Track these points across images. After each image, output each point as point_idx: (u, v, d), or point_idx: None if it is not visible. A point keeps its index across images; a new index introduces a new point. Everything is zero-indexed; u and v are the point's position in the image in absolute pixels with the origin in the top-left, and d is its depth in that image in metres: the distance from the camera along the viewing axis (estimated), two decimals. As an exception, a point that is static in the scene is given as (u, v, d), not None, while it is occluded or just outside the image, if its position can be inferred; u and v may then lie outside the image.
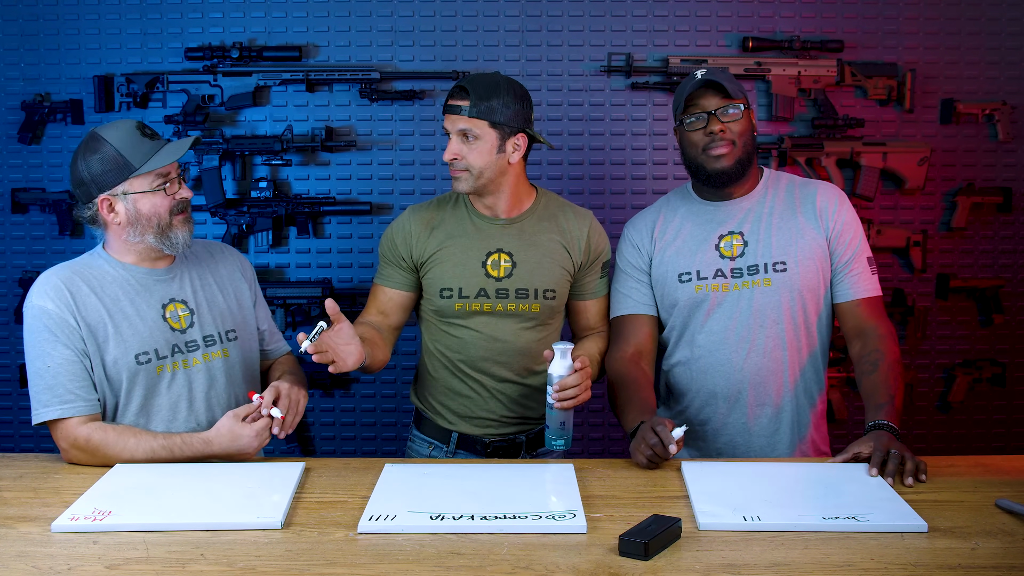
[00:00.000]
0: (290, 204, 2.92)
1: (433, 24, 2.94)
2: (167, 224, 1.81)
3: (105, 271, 1.83)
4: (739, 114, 1.91)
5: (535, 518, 1.43)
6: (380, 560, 1.31)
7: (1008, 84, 2.96)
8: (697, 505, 1.50)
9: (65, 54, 2.94)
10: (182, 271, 1.90)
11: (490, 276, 1.97)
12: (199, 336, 1.87)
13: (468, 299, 1.97)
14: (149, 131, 1.81)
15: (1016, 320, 3.02)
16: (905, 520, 1.43)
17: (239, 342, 1.94)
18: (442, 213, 2.03)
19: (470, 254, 1.98)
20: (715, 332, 1.96)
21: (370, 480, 1.64)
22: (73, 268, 1.82)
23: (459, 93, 1.92)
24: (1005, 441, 3.03)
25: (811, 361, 1.99)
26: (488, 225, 2.00)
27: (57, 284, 1.77)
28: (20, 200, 2.96)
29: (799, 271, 1.94)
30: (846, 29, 2.93)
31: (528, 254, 1.99)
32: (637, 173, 2.98)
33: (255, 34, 2.93)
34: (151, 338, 1.82)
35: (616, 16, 2.94)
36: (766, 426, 1.98)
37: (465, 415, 2.06)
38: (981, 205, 2.95)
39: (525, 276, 1.98)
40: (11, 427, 3.03)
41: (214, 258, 1.99)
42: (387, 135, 2.96)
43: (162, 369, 1.82)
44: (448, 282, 1.98)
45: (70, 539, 1.39)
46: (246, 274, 2.02)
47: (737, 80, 2.01)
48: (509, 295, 1.97)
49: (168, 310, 1.85)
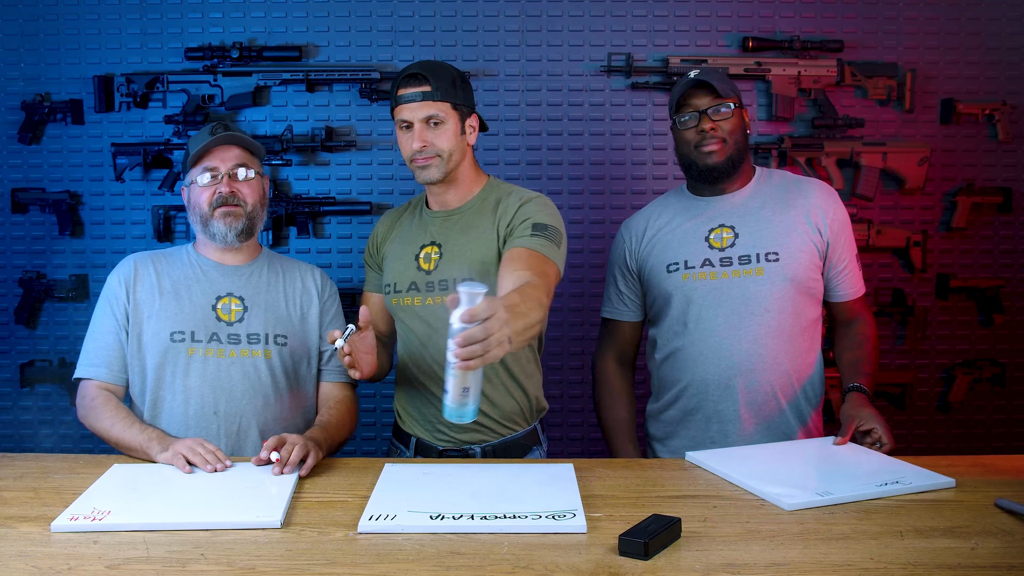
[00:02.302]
0: (290, 204, 2.92)
1: (433, 24, 2.94)
2: (207, 215, 1.92)
3: (181, 258, 2.00)
4: (729, 113, 1.97)
5: (535, 518, 1.43)
6: (380, 560, 1.31)
7: (1008, 84, 2.96)
8: (766, 488, 1.56)
9: (65, 54, 2.94)
10: (253, 271, 1.99)
11: (421, 269, 1.94)
12: (244, 332, 1.92)
13: (401, 294, 1.95)
14: (219, 128, 1.93)
15: (1016, 320, 3.02)
16: (934, 480, 1.61)
17: (287, 349, 1.95)
18: (404, 214, 2.07)
19: (407, 249, 1.98)
20: (705, 320, 1.98)
21: (370, 480, 1.64)
22: (153, 253, 2.01)
23: (415, 81, 1.86)
24: (1005, 441, 3.03)
25: (805, 352, 2.00)
26: (431, 218, 1.97)
27: (129, 264, 1.97)
28: (20, 200, 2.96)
29: (792, 262, 1.96)
30: (846, 29, 2.93)
31: (456, 243, 1.92)
32: (637, 173, 2.98)
33: (255, 34, 2.93)
34: (192, 321, 1.90)
35: (616, 16, 2.94)
36: (756, 414, 1.98)
37: (418, 419, 2.00)
38: (981, 205, 2.95)
39: (449, 266, 1.90)
40: (11, 427, 3.03)
41: (294, 269, 2.05)
42: (387, 135, 2.96)
43: (194, 351, 1.88)
44: (388, 278, 1.99)
45: (70, 539, 1.39)
46: (323, 291, 2.05)
47: (730, 80, 2.04)
48: (435, 288, 1.91)
49: (221, 302, 1.93)
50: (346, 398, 2.01)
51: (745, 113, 2.02)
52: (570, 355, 3.04)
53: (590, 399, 3.07)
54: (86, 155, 2.97)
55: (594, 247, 2.99)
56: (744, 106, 2.02)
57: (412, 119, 1.86)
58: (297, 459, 1.67)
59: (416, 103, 1.86)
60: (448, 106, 1.88)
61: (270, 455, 1.68)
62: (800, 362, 2.00)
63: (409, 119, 1.87)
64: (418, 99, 1.85)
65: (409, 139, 1.88)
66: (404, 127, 1.89)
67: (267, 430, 1.91)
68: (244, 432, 1.90)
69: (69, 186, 2.97)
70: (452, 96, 1.88)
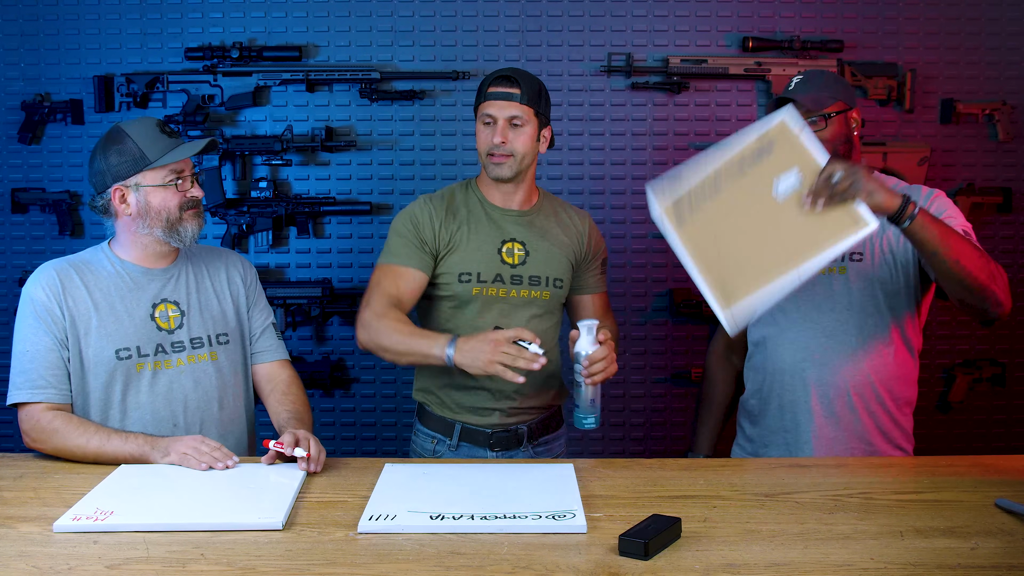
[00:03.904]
0: (290, 204, 2.92)
1: (433, 24, 2.94)
2: (176, 219, 1.84)
3: (103, 266, 1.87)
4: (823, 125, 1.91)
5: (535, 518, 1.43)
6: (380, 560, 1.31)
7: (1008, 84, 2.96)
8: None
9: (65, 54, 2.94)
10: (179, 272, 1.91)
11: (505, 263, 2.04)
12: (186, 337, 1.88)
13: (486, 283, 2.02)
14: (168, 129, 1.86)
15: (1016, 320, 3.02)
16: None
17: (230, 347, 1.93)
18: (456, 202, 2.08)
19: (487, 241, 2.04)
20: (786, 311, 1.99)
21: (370, 480, 1.64)
22: (71, 261, 1.87)
23: (507, 82, 1.99)
24: (1005, 441, 3.03)
25: (887, 354, 1.98)
26: (501, 215, 2.07)
27: (51, 275, 1.82)
28: (20, 200, 2.96)
29: (873, 262, 1.96)
30: (846, 29, 2.93)
31: (539, 244, 2.07)
32: (637, 173, 2.98)
33: (255, 34, 2.93)
34: (135, 335, 1.83)
35: (616, 16, 2.94)
36: (828, 407, 1.98)
37: (469, 406, 2.07)
38: (981, 205, 2.95)
39: (538, 264, 2.06)
40: (11, 427, 3.02)
41: (215, 262, 1.99)
42: (387, 135, 2.96)
43: (143, 367, 1.83)
44: (467, 267, 2.02)
45: (70, 539, 1.39)
46: (246, 278, 2.02)
47: (831, 82, 1.96)
48: (523, 281, 2.05)
49: (158, 310, 1.87)
50: (294, 377, 2.00)
51: (854, 113, 1.95)
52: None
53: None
54: (86, 155, 2.96)
55: (594, 247, 2.99)
56: (851, 106, 1.94)
57: (498, 116, 1.98)
58: (321, 453, 1.71)
59: (504, 102, 1.98)
60: (531, 111, 2.00)
61: (294, 452, 1.68)
62: (880, 363, 1.98)
63: (495, 115, 1.99)
64: (507, 99, 1.98)
65: (490, 133, 2.00)
66: (487, 122, 2.00)
67: (227, 432, 1.90)
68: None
69: (69, 186, 2.97)
70: (536, 103, 2.01)
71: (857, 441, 1.97)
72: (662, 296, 3.02)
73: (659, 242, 3.01)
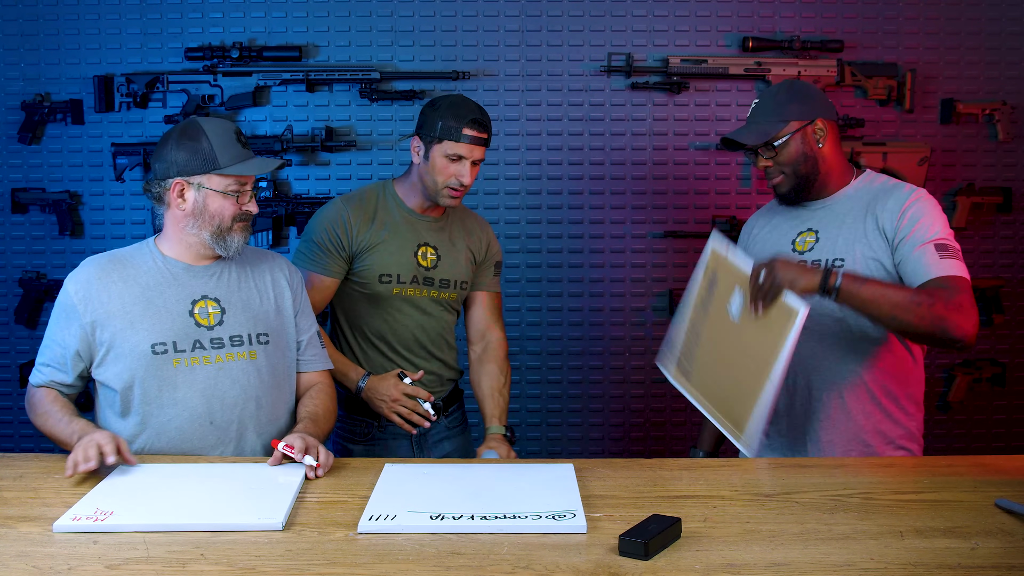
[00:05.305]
0: (290, 204, 2.92)
1: (433, 24, 2.94)
2: (227, 228, 1.86)
3: (145, 261, 1.89)
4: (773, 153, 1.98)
5: (535, 518, 1.44)
6: (380, 560, 1.31)
7: (1008, 84, 2.96)
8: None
9: (65, 54, 2.94)
10: (221, 270, 1.92)
11: (420, 265, 2.21)
12: (226, 335, 1.87)
13: (405, 284, 2.20)
14: (243, 139, 1.88)
15: (1016, 320, 3.02)
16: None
17: (271, 347, 1.92)
18: (374, 205, 2.21)
19: (405, 245, 2.20)
20: None
21: (370, 480, 1.64)
22: (112, 256, 1.90)
23: (480, 127, 2.11)
24: (1005, 441, 3.04)
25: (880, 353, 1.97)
26: (418, 220, 2.23)
27: (86, 271, 1.87)
28: (20, 200, 2.96)
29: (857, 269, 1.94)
30: (846, 29, 2.93)
31: (449, 249, 2.25)
32: (637, 173, 2.98)
33: (255, 34, 2.93)
34: (171, 330, 1.83)
35: (616, 16, 2.95)
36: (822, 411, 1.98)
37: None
38: (981, 205, 2.95)
39: (448, 268, 2.24)
40: (11, 427, 3.03)
41: (260, 264, 1.99)
42: (387, 135, 2.96)
43: (179, 362, 1.83)
44: (387, 268, 2.18)
45: (70, 539, 1.39)
46: (293, 283, 2.01)
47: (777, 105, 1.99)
48: (434, 283, 2.23)
49: (198, 306, 1.87)
50: (326, 385, 2.02)
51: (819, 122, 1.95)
52: (570, 355, 3.05)
53: (590, 399, 3.09)
54: (86, 155, 2.97)
55: (593, 247, 2.99)
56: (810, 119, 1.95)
57: (468, 157, 2.11)
58: (329, 458, 1.72)
59: (478, 146, 2.12)
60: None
61: (303, 460, 1.68)
62: (875, 363, 1.98)
63: (466, 157, 2.11)
64: (480, 144, 2.12)
65: (458, 170, 2.11)
66: (453, 159, 2.11)
67: (263, 432, 1.89)
68: (242, 437, 1.87)
69: (69, 186, 2.97)
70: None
71: (854, 442, 1.97)
72: (662, 296, 3.02)
73: (659, 242, 3.01)
